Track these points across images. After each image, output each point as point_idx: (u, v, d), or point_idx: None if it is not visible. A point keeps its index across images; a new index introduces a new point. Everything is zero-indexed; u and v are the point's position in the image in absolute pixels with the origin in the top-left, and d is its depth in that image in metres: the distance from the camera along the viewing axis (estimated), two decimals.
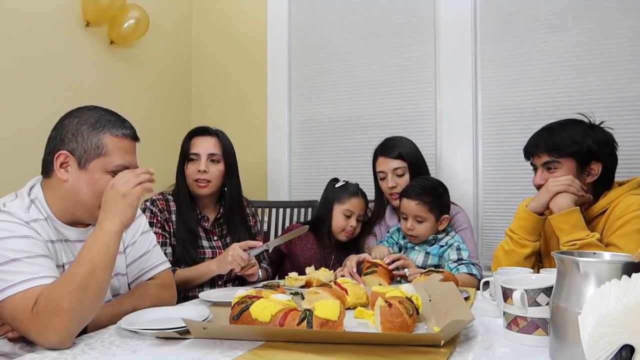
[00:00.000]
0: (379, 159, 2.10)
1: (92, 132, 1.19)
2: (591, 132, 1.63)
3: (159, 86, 2.97)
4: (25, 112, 2.22)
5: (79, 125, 1.20)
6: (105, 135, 1.20)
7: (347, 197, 2.07)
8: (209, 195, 1.93)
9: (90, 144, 1.19)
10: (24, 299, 1.03)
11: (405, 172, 2.04)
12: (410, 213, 1.88)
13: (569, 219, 1.56)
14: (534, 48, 2.42)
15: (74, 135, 1.19)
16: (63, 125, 1.22)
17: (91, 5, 2.43)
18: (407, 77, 2.68)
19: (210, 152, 1.90)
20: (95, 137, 1.19)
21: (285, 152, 2.93)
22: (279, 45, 2.96)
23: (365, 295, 1.37)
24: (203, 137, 1.94)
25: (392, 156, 2.06)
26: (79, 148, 1.19)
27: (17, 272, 1.06)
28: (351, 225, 2.05)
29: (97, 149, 1.19)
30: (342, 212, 2.06)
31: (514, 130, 2.45)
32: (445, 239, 1.90)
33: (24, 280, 1.05)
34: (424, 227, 1.88)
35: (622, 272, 0.82)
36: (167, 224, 1.86)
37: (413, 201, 1.87)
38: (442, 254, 1.88)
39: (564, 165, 1.62)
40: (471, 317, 1.02)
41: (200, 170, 1.87)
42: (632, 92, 2.25)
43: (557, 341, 0.92)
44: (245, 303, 1.12)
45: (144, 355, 0.98)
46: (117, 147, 1.21)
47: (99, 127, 1.20)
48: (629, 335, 0.64)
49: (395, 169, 2.04)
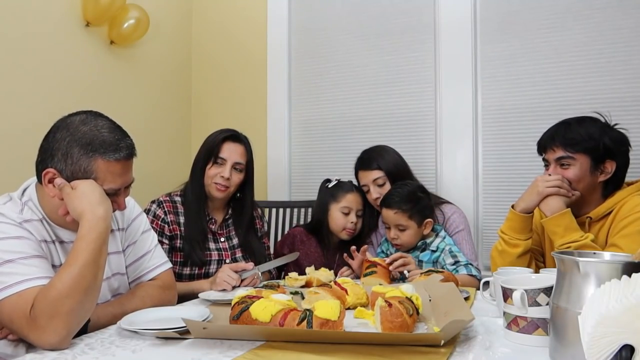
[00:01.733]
0: (359, 173, 2.12)
1: (83, 156, 1.14)
2: (608, 130, 1.62)
3: (159, 86, 2.97)
4: (25, 112, 2.22)
5: (70, 146, 1.14)
6: (97, 160, 1.14)
7: (342, 194, 2.07)
8: (221, 198, 1.94)
9: (79, 168, 1.14)
10: (19, 301, 1.03)
11: (385, 182, 2.05)
12: (392, 222, 1.87)
13: (561, 222, 1.56)
14: (534, 48, 2.42)
15: (64, 156, 1.14)
16: (55, 140, 1.15)
17: (91, 5, 2.43)
18: (407, 77, 2.68)
19: (237, 160, 1.91)
20: (85, 162, 1.14)
21: (285, 152, 2.93)
22: (279, 45, 2.96)
23: (365, 295, 1.37)
24: (234, 144, 1.93)
25: (371, 168, 2.07)
26: (67, 169, 1.14)
27: (11, 273, 1.05)
28: (351, 221, 2.05)
29: (85, 173, 1.14)
30: (339, 210, 2.06)
31: (514, 130, 2.45)
32: (436, 243, 1.88)
33: (18, 282, 1.05)
34: (407, 235, 1.86)
35: (622, 272, 0.82)
36: (172, 226, 1.86)
37: (391, 210, 1.86)
38: (436, 259, 1.86)
39: (578, 162, 1.60)
40: (471, 317, 1.02)
41: (224, 177, 1.88)
42: (632, 92, 2.25)
43: (557, 341, 0.92)
44: (245, 303, 1.12)
45: (144, 355, 0.98)
46: (108, 172, 1.16)
47: (90, 152, 1.14)
48: (629, 335, 0.64)
49: (375, 179, 2.05)
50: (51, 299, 1.01)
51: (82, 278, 1.04)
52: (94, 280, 1.07)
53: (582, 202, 1.64)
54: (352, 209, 2.05)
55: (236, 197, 2.01)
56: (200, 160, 1.93)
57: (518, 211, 1.66)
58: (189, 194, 1.92)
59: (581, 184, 1.61)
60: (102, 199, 1.14)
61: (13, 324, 1.04)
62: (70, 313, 1.01)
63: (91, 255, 1.07)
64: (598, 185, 1.63)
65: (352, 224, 2.05)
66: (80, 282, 1.04)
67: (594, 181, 1.61)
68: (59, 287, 1.02)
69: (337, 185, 2.12)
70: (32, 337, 1.02)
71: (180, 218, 1.88)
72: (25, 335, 1.03)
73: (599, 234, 1.62)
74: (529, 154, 1.90)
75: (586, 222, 1.64)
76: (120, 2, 2.51)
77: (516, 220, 1.66)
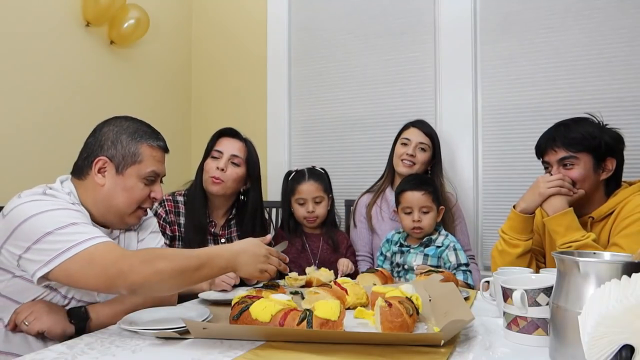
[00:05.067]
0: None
1: (131, 141, 1.29)
2: (604, 128, 1.63)
3: (159, 86, 2.97)
4: (25, 112, 2.22)
5: (118, 134, 1.29)
6: (143, 145, 1.30)
7: (296, 187, 2.11)
8: (220, 197, 1.92)
9: (129, 152, 1.28)
10: (106, 248, 1.09)
11: (427, 150, 2.18)
12: (417, 205, 1.89)
13: (563, 221, 1.56)
14: (534, 48, 2.42)
15: (114, 143, 1.28)
16: (102, 133, 1.30)
17: (91, 5, 2.43)
18: (407, 77, 2.68)
19: (233, 153, 1.90)
20: (133, 146, 1.28)
21: (285, 152, 2.93)
22: (279, 45, 2.96)
23: (365, 295, 1.37)
24: (230, 139, 1.94)
25: (424, 131, 2.20)
26: (117, 155, 1.27)
27: (83, 232, 1.11)
28: (308, 211, 2.08)
29: (134, 156, 1.28)
30: (296, 201, 2.10)
31: (514, 130, 2.46)
32: (440, 239, 1.91)
33: (97, 236, 1.11)
34: (429, 218, 1.90)
35: (622, 272, 0.82)
36: (172, 227, 1.85)
37: (418, 192, 1.91)
38: (440, 254, 1.89)
39: (581, 161, 1.60)
40: (471, 317, 1.02)
41: (218, 168, 1.86)
42: (632, 92, 2.25)
43: (557, 341, 0.92)
44: (245, 303, 1.12)
45: (144, 355, 0.97)
46: (151, 156, 1.31)
47: (137, 137, 1.30)
48: (629, 335, 0.64)
49: (420, 142, 2.18)
50: (154, 255, 1.10)
51: (186, 269, 1.10)
52: (186, 281, 1.12)
53: (586, 201, 1.64)
54: (306, 199, 2.08)
55: (240, 200, 2.00)
56: (201, 162, 1.94)
57: (519, 211, 1.66)
58: (192, 193, 1.92)
59: (586, 183, 1.61)
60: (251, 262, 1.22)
61: (93, 264, 1.07)
62: (161, 273, 1.06)
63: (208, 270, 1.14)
64: (601, 184, 1.64)
65: (310, 213, 2.08)
66: (182, 269, 1.09)
67: (597, 179, 1.62)
68: (167, 254, 1.13)
69: (293, 177, 2.16)
70: (112, 271, 1.05)
71: (180, 219, 1.88)
72: (105, 270, 1.06)
73: (601, 234, 1.62)
74: (528, 154, 1.90)
75: (588, 222, 1.64)
76: (120, 2, 2.51)
77: (517, 220, 1.66)
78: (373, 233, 2.22)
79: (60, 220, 1.11)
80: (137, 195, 1.29)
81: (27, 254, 1.10)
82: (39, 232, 1.09)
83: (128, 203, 1.29)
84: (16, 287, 1.19)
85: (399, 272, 1.92)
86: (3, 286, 1.19)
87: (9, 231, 1.13)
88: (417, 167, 2.16)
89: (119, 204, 1.28)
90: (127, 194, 1.28)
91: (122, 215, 1.30)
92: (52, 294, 1.22)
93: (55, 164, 2.29)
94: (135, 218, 1.34)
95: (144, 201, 1.32)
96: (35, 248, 1.09)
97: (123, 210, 1.29)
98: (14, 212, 1.14)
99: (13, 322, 1.18)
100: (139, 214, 1.34)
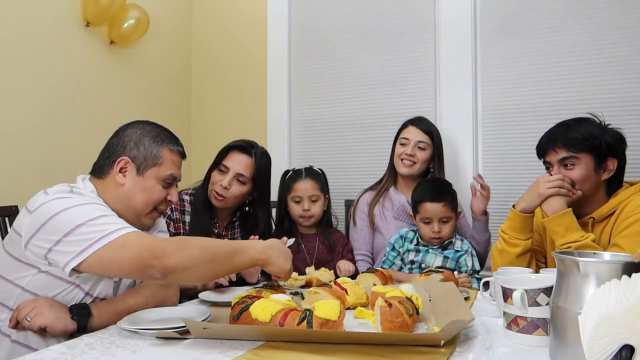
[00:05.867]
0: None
1: (153, 144, 1.34)
2: (606, 129, 1.63)
3: (159, 86, 2.97)
4: (25, 112, 2.22)
5: (141, 136, 1.34)
6: (164, 148, 1.35)
7: (292, 184, 2.11)
8: (223, 208, 1.93)
9: (150, 153, 1.33)
10: (137, 235, 1.12)
11: (427, 148, 2.16)
12: (437, 216, 1.87)
13: (562, 222, 1.56)
14: (534, 48, 2.42)
15: (136, 144, 1.32)
16: (126, 134, 1.34)
17: (91, 5, 2.43)
18: (407, 77, 2.68)
19: (239, 171, 1.89)
20: (155, 148, 1.33)
21: (285, 152, 2.93)
22: (279, 45, 2.95)
23: (365, 295, 1.37)
24: (240, 154, 1.92)
25: (422, 128, 2.18)
26: (139, 156, 1.32)
27: (114, 223, 1.13)
28: (304, 209, 2.07)
29: (155, 158, 1.33)
30: (292, 199, 2.10)
31: (514, 130, 2.45)
32: (458, 244, 1.93)
33: (127, 227, 1.13)
34: (449, 226, 1.90)
35: (622, 272, 0.82)
36: (177, 224, 1.86)
37: (438, 204, 1.87)
38: (459, 259, 1.91)
39: (582, 161, 1.60)
40: (471, 317, 1.01)
41: (222, 185, 1.87)
42: (632, 92, 2.25)
43: (557, 341, 0.92)
44: (245, 303, 1.12)
45: (144, 355, 0.98)
46: (170, 160, 1.36)
47: (159, 140, 1.35)
48: (629, 335, 0.64)
49: (419, 141, 2.15)
50: (187, 240, 1.14)
51: (218, 255, 1.13)
52: (217, 268, 1.15)
53: (587, 201, 1.64)
54: (302, 197, 2.08)
55: (245, 212, 2.01)
56: (211, 165, 1.95)
57: (518, 211, 1.66)
58: (197, 197, 1.92)
59: (587, 184, 1.61)
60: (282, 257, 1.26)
61: (126, 249, 1.08)
62: (194, 258, 1.08)
63: (240, 258, 1.16)
64: (602, 184, 1.63)
65: (305, 211, 2.07)
66: (215, 255, 1.12)
67: (598, 180, 1.61)
68: (200, 240, 1.15)
69: (290, 176, 2.16)
70: (145, 255, 1.06)
71: (185, 217, 1.88)
72: (139, 254, 1.07)
73: (602, 235, 1.61)
74: (528, 154, 1.90)
75: (589, 222, 1.64)
76: (120, 2, 2.51)
77: (516, 219, 1.66)
78: (375, 232, 2.21)
79: (90, 213, 1.13)
80: (155, 196, 1.33)
81: (57, 246, 1.11)
82: (70, 225, 1.11)
83: (146, 203, 1.32)
84: (40, 282, 1.20)
85: (412, 269, 1.92)
86: (27, 281, 1.20)
87: (38, 226, 1.14)
88: (418, 166, 2.15)
89: (138, 203, 1.31)
90: (145, 195, 1.32)
91: (139, 215, 1.33)
92: (75, 291, 1.23)
93: (56, 164, 2.29)
94: (150, 219, 1.38)
95: (161, 203, 1.36)
96: (66, 240, 1.10)
97: (140, 210, 1.32)
98: (43, 208, 1.15)
99: (15, 318, 1.17)
100: (154, 215, 1.38)
